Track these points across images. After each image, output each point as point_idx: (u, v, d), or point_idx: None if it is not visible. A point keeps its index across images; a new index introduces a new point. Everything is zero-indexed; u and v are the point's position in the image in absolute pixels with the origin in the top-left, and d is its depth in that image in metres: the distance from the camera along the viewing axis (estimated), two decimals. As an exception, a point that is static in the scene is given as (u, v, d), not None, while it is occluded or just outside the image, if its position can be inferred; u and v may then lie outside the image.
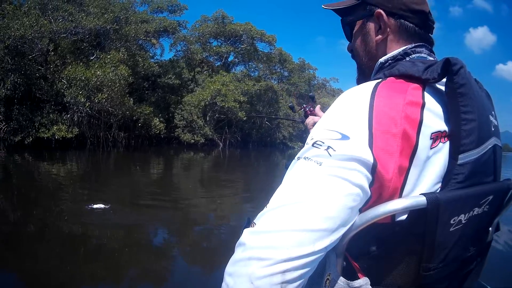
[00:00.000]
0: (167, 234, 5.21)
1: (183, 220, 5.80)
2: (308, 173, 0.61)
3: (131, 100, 23.52)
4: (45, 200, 6.75)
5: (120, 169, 14.13)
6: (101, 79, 19.47)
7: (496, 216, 0.77)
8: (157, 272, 3.67)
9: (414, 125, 0.63)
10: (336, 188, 0.59)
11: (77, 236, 4.55)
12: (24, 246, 4.06)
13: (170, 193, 8.38)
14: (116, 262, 3.86)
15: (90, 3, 21.06)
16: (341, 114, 0.66)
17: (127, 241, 4.57)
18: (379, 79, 0.71)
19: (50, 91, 19.74)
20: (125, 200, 6.96)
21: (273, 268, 0.55)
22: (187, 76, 31.88)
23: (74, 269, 3.51)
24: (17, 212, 5.77)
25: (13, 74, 17.64)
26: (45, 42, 18.25)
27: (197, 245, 4.73)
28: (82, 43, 21.21)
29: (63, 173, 10.97)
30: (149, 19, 29.22)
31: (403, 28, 0.82)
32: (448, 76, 0.65)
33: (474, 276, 0.81)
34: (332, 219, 0.58)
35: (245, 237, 0.59)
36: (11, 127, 19.17)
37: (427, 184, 0.65)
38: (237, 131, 35.63)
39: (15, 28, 16.51)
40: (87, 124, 22.35)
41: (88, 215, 5.37)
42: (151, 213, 5.90)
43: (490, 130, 0.71)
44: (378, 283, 0.67)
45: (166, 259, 4.14)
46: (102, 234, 4.76)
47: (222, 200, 7.70)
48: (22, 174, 10.56)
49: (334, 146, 0.61)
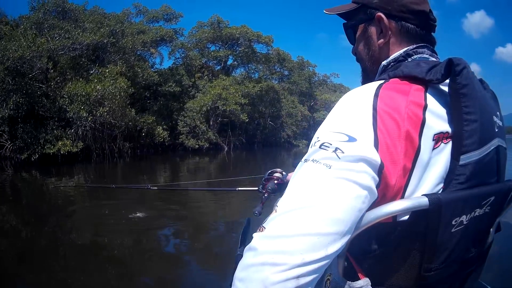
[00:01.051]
0: (179, 239, 5.30)
1: (194, 225, 5.89)
2: (318, 176, 0.61)
3: (133, 111, 23.77)
4: (54, 214, 6.82)
5: (127, 178, 14.15)
6: (101, 93, 19.72)
7: (497, 216, 0.77)
8: (169, 278, 3.80)
9: (417, 126, 0.63)
10: (347, 191, 0.59)
11: (89, 246, 4.70)
12: (36, 259, 4.20)
13: (179, 199, 8.37)
14: (129, 269, 4.00)
15: (86, 19, 21.42)
16: (346, 116, 0.66)
17: (141, 247, 4.72)
18: (382, 80, 0.72)
19: (53, 107, 19.97)
20: (135, 208, 6.98)
21: (287, 273, 0.54)
22: (187, 83, 32.09)
23: (88, 278, 3.64)
24: (28, 227, 5.90)
25: (14, 94, 17.74)
26: (44, 61, 18.42)
27: (210, 250, 4.84)
28: (80, 58, 21.38)
29: (71, 187, 10.98)
30: (145, 29, 29.43)
31: (404, 30, 0.82)
32: (451, 77, 0.66)
33: (474, 276, 0.81)
34: (343, 222, 0.58)
35: (256, 241, 0.58)
36: (16, 146, 19.33)
37: (429, 184, 0.65)
38: (241, 133, 35.77)
39: (13, 50, 16.71)
40: (92, 137, 22.42)
41: (101, 225, 5.53)
42: (163, 220, 6.00)
43: (494, 131, 0.71)
44: (379, 283, 0.67)
45: (177, 264, 4.27)
46: (115, 242, 4.89)
47: (230, 202, 7.78)
48: (30, 190, 10.74)
49: (342, 148, 0.61)
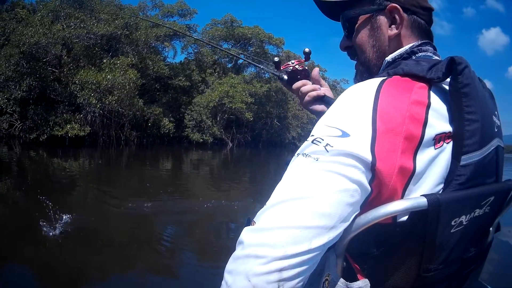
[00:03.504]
0: (178, 229, 5.26)
1: (193, 216, 5.88)
2: (304, 169, 0.60)
3: (141, 101, 24.61)
4: (58, 192, 6.95)
5: (131, 166, 14.51)
6: (111, 82, 20.56)
7: (497, 216, 0.76)
8: (164, 266, 3.82)
9: (419, 125, 0.61)
10: (332, 184, 0.58)
11: (89, 229, 4.75)
12: (35, 234, 4.29)
13: (179, 189, 8.50)
14: (125, 253, 4.04)
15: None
16: (344, 111, 0.65)
17: (137, 234, 4.76)
18: (384, 77, 0.69)
19: (64, 92, 20.90)
20: (135, 194, 7.07)
21: (269, 265, 0.54)
22: (197, 78, 32.84)
23: (86, 260, 3.72)
24: (30, 202, 5.98)
25: (28, 77, 18.58)
26: (58, 48, 19.27)
27: (209, 243, 4.77)
28: (94, 47, 22.21)
29: (76, 168, 11.61)
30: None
31: (416, 24, 0.81)
32: (453, 76, 0.64)
33: (474, 276, 0.80)
34: (329, 216, 0.57)
35: (243, 235, 0.59)
36: (26, 126, 20.26)
37: (429, 185, 0.64)
38: (247, 131, 36.51)
39: (29, 35, 17.51)
40: (100, 123, 23.38)
41: (99, 209, 5.63)
42: (161, 207, 6.02)
43: (493, 131, 0.70)
44: (378, 284, 0.66)
45: (173, 253, 4.26)
46: (114, 226, 4.96)
47: (230, 195, 7.92)
48: (36, 167, 11.31)
49: (332, 142, 0.60)
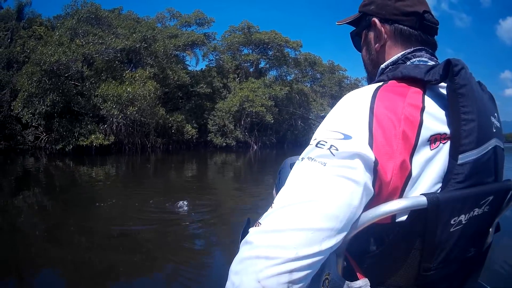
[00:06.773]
0: (205, 232, 5.27)
1: (219, 216, 6.00)
2: (313, 173, 0.61)
3: (163, 110, 25.48)
4: (85, 198, 7.18)
5: (157, 170, 14.86)
6: (131, 94, 21.42)
7: (496, 216, 0.76)
8: (190, 268, 3.82)
9: (414, 127, 0.63)
10: (342, 188, 0.59)
11: (116, 230, 4.86)
12: (64, 237, 4.45)
13: (205, 190, 8.66)
14: (152, 255, 4.10)
15: (118, 25, 23.15)
16: (343, 116, 0.66)
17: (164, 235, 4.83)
18: (381, 82, 0.72)
19: (87, 105, 21.92)
20: (160, 194, 7.26)
21: (280, 267, 0.54)
22: (218, 84, 33.52)
23: (111, 259, 3.82)
24: (57, 208, 6.25)
25: (51, 92, 19.58)
26: (79, 65, 20.22)
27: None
28: (114, 61, 23.16)
29: (102, 175, 11.92)
30: (178, 34, 31.01)
31: (397, 32, 0.83)
32: (449, 77, 0.65)
33: (474, 276, 0.80)
34: (338, 218, 0.58)
35: (251, 236, 0.59)
36: (52, 137, 21.44)
37: (427, 184, 0.65)
38: (272, 133, 36.92)
39: (49, 54, 18.53)
40: (124, 132, 24.41)
41: (129, 212, 5.77)
42: (191, 212, 6.05)
43: (491, 131, 0.71)
44: (378, 283, 0.67)
45: (200, 256, 4.26)
46: (141, 229, 5.04)
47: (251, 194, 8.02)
48: (62, 176, 11.52)
49: (336, 145, 0.61)
